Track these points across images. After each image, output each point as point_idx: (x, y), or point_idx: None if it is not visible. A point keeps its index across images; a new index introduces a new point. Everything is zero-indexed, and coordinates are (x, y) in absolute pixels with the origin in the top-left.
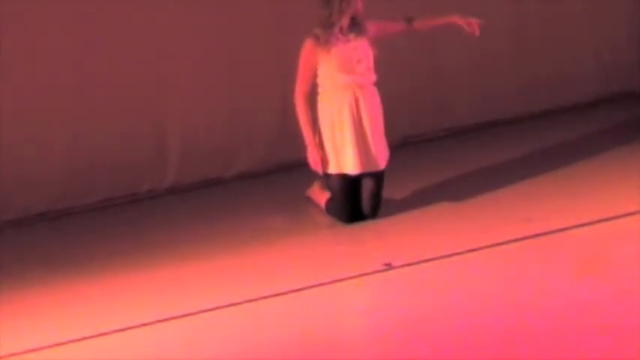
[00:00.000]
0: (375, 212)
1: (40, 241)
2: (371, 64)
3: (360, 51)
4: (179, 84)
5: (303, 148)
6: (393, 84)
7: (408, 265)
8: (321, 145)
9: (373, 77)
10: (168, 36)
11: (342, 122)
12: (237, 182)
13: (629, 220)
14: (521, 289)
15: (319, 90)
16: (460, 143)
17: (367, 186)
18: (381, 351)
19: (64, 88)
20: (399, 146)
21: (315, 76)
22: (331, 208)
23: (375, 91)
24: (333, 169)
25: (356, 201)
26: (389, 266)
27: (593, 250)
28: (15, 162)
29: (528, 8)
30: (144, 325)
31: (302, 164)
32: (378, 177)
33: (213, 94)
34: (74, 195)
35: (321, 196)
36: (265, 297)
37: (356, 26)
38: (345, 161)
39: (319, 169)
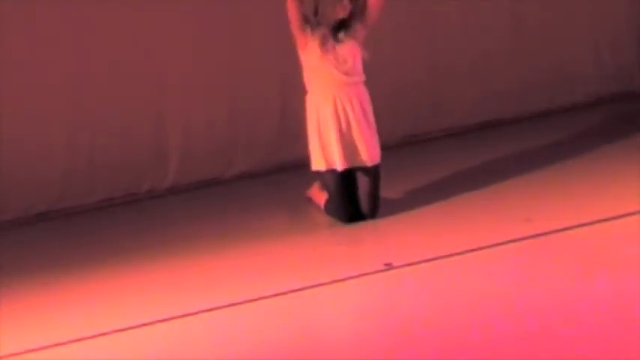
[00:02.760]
0: (374, 213)
1: (40, 241)
2: (358, 64)
3: (346, 51)
4: (179, 84)
5: (303, 148)
6: (392, 83)
7: (408, 265)
8: (309, 141)
9: (360, 76)
10: (168, 36)
11: (326, 118)
12: (237, 182)
13: (629, 220)
14: (521, 289)
15: (307, 86)
16: (460, 143)
17: (362, 183)
18: (381, 351)
19: (63, 88)
20: (399, 146)
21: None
22: (330, 209)
23: (361, 88)
24: (321, 166)
25: (354, 200)
26: (389, 266)
27: (593, 250)
28: (15, 162)
29: (528, 8)
30: (144, 325)
31: (302, 164)
32: (371, 174)
33: (213, 95)
34: (74, 195)
35: (320, 196)
36: (265, 297)
37: (345, 27)
38: (331, 157)
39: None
